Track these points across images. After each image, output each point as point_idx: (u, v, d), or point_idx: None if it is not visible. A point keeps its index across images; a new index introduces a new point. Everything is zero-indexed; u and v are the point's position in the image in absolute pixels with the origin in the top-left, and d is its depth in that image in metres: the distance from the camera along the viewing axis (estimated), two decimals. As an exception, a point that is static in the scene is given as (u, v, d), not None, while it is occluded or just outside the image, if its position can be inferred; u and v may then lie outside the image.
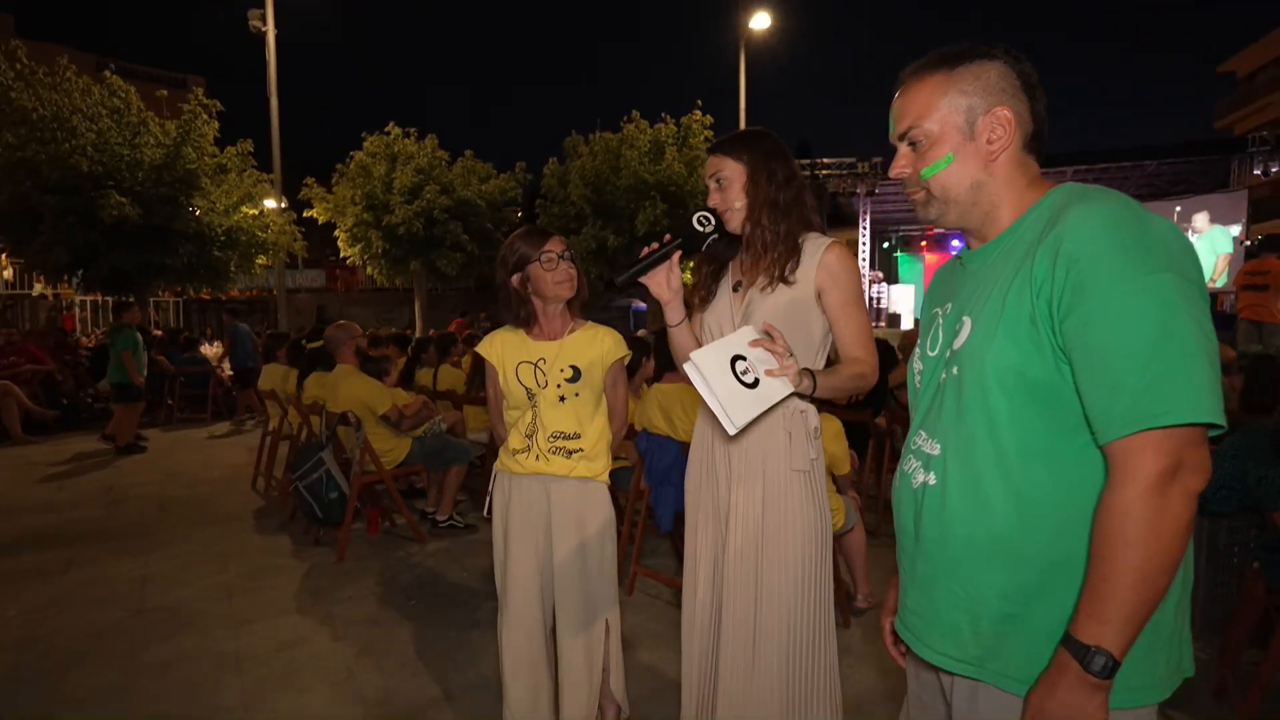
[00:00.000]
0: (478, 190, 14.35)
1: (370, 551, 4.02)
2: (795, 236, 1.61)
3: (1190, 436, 0.84)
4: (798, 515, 1.61)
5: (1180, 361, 0.83)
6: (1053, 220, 0.94)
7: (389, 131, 14.38)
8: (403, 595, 3.40)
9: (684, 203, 13.52)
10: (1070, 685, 0.87)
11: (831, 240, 1.61)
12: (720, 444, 1.67)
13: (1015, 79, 1.05)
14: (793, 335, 1.53)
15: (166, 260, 10.46)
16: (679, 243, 1.55)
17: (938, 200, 1.09)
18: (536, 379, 1.94)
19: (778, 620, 1.58)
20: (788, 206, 1.60)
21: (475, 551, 4.01)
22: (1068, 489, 0.94)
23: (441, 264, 14.24)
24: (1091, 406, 0.89)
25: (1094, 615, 0.86)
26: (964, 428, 1.01)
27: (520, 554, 1.95)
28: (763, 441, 1.62)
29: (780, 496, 1.61)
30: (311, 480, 3.89)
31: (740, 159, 1.62)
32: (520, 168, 15.16)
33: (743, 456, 1.63)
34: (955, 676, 1.06)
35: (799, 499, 1.61)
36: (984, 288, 1.03)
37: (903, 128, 1.10)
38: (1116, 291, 0.85)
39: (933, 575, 1.06)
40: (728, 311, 1.68)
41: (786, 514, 1.60)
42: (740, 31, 14.52)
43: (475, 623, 3.08)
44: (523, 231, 1.97)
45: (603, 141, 14.05)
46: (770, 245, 1.61)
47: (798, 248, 1.60)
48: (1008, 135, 1.04)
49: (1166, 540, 0.84)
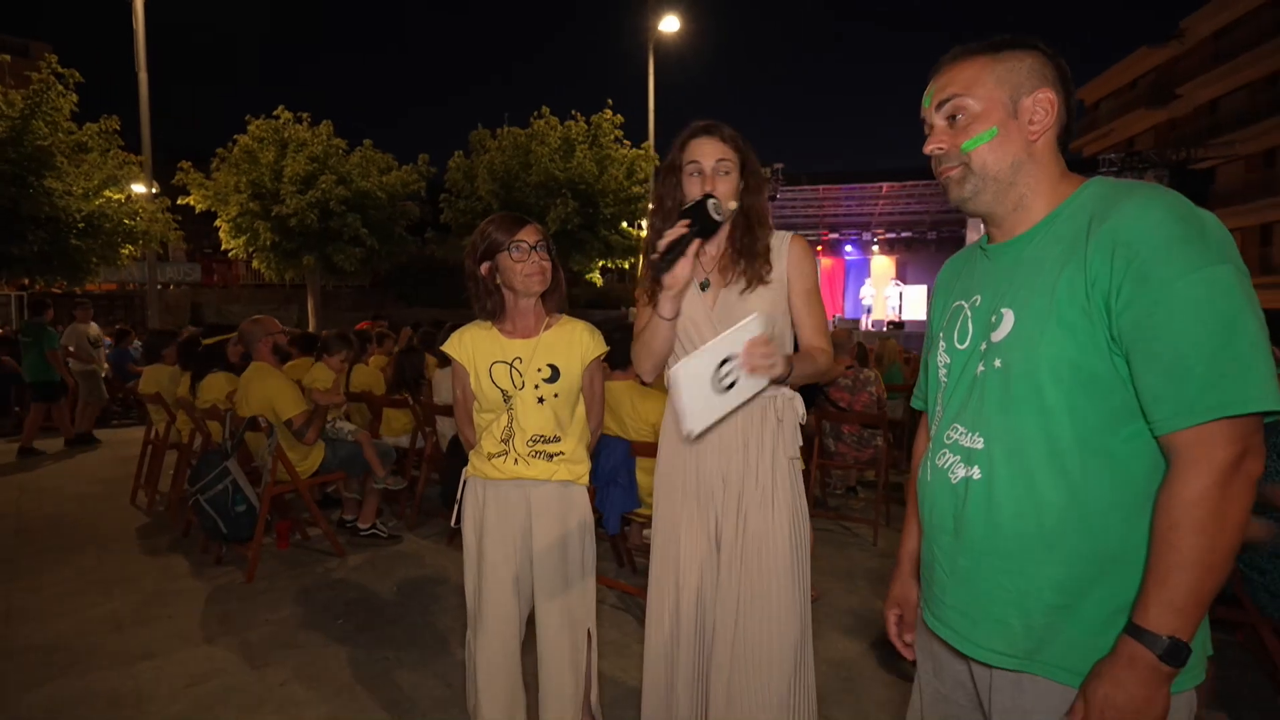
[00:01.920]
0: (378, 182, 13.62)
1: (283, 568, 3.68)
2: (767, 240, 1.64)
3: (1256, 424, 0.86)
4: (787, 504, 1.61)
5: (1248, 351, 0.85)
6: (1101, 213, 0.95)
7: (278, 115, 13.38)
8: (328, 615, 3.12)
9: (594, 201, 13.45)
10: (1141, 676, 0.87)
11: (792, 234, 1.66)
12: (709, 439, 1.62)
13: (1053, 70, 1.05)
14: (775, 332, 1.58)
15: (13, 249, 9.21)
16: (699, 230, 1.49)
17: (975, 176, 1.06)
18: (513, 379, 1.82)
19: (782, 612, 1.57)
20: (763, 212, 1.64)
21: (402, 564, 3.77)
22: (1118, 479, 0.95)
23: (338, 259, 13.42)
24: (1156, 397, 0.89)
25: (1166, 604, 0.86)
26: (1012, 420, 1.00)
27: (497, 564, 1.81)
28: (755, 429, 1.61)
29: (772, 485, 1.60)
30: (215, 493, 3.51)
31: (738, 151, 1.60)
32: (423, 160, 14.54)
33: (735, 447, 1.61)
34: (995, 670, 1.05)
35: (788, 487, 1.62)
36: (1025, 279, 1.02)
37: (944, 96, 1.07)
38: (1182, 283, 0.86)
39: (978, 570, 1.05)
40: (703, 310, 1.64)
41: (778, 503, 1.60)
42: (649, 34, 14.61)
43: (413, 640, 2.88)
44: (496, 217, 1.84)
45: (511, 137, 13.73)
46: (753, 253, 1.62)
47: (769, 249, 1.63)
48: (1049, 117, 1.04)
49: (1235, 525, 0.86)
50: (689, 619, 1.66)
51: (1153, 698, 0.88)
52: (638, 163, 13.93)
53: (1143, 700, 0.88)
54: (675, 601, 1.67)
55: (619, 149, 13.91)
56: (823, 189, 19.33)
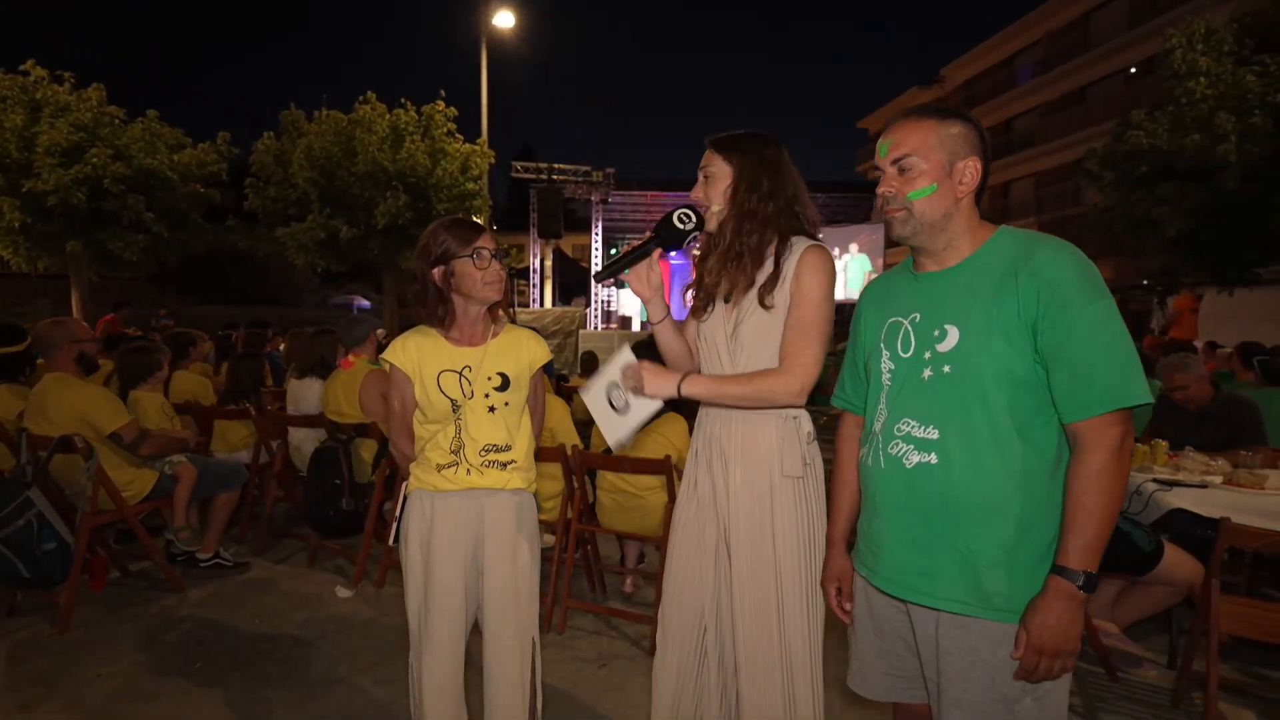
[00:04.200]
0: (167, 160, 11.85)
1: (105, 613, 3.14)
2: (765, 249, 1.58)
3: (1132, 412, 1.18)
4: (790, 522, 1.59)
5: (1129, 360, 1.17)
6: (1024, 254, 1.24)
7: (27, 71, 11.14)
8: (182, 658, 2.74)
9: (428, 196, 12.82)
10: (1064, 604, 1.16)
11: (808, 246, 1.57)
12: (715, 458, 1.65)
13: (978, 139, 1.31)
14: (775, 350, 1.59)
15: None
16: (659, 239, 1.54)
17: (915, 219, 1.31)
18: (462, 389, 1.75)
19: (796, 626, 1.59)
20: (766, 219, 1.58)
21: (258, 593, 3.39)
22: (1039, 457, 1.23)
23: (115, 246, 11.46)
24: (1068, 393, 1.18)
25: (1081, 547, 1.16)
26: (963, 414, 1.25)
27: (446, 579, 1.74)
28: (755, 448, 1.60)
29: (772, 504, 1.59)
30: (13, 530, 2.90)
31: (730, 161, 1.59)
32: (224, 139, 12.88)
33: (737, 465, 1.62)
34: (942, 617, 1.28)
35: (789, 504, 1.59)
36: (962, 302, 1.28)
37: (898, 154, 1.31)
38: (1089, 310, 1.17)
39: (934, 538, 1.28)
40: (720, 323, 1.65)
41: (778, 522, 1.59)
42: (483, 27, 14.23)
43: (293, 675, 2.62)
44: (450, 221, 1.77)
45: (332, 121, 12.63)
46: (737, 256, 1.60)
47: (766, 259, 1.59)
48: (974, 180, 1.31)
49: (1122, 486, 1.18)
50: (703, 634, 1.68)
51: (1076, 618, 1.17)
52: (473, 158, 13.50)
53: (1069, 621, 1.17)
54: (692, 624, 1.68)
55: (453, 143, 13.37)
56: (650, 195, 20.12)
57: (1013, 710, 1.22)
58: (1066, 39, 22.58)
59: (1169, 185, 9.83)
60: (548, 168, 16.61)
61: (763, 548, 1.59)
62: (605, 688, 2.60)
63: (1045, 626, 1.16)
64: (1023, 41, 24.74)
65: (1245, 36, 9.80)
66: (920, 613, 1.32)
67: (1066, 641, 1.16)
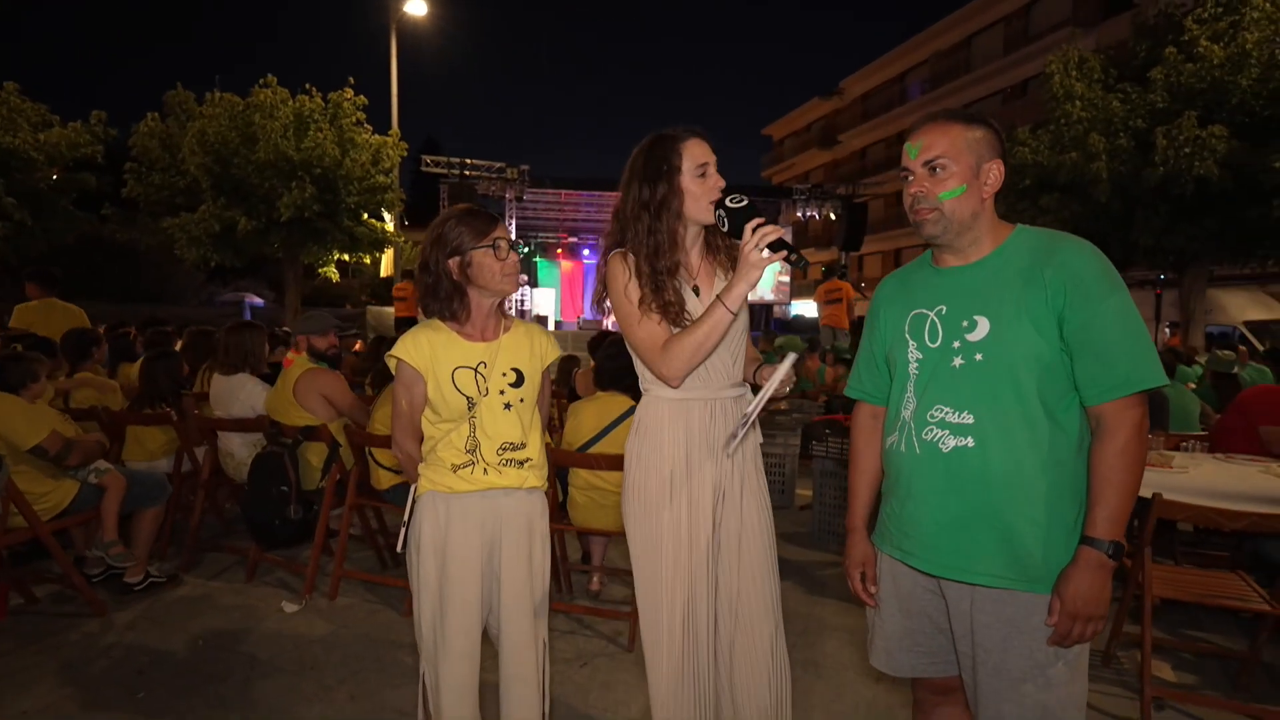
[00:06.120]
0: (30, 139, 10.64)
1: (17, 645, 2.79)
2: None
3: (1148, 394, 1.30)
4: (764, 490, 1.77)
5: (1147, 347, 1.29)
6: (1047, 250, 1.35)
7: None
8: (119, 688, 2.48)
9: (336, 188, 12.16)
10: (1095, 572, 1.28)
11: None
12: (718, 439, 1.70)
13: (999, 145, 1.41)
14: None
15: None
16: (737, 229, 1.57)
17: (946, 219, 1.39)
18: (478, 385, 1.70)
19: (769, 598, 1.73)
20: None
21: (194, 611, 3.12)
22: (1066, 437, 1.34)
23: (-33, 235, 10.20)
24: (1093, 377, 1.29)
25: (1108, 519, 1.28)
26: (996, 399, 1.34)
27: (464, 581, 1.68)
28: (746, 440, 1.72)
29: (755, 471, 1.75)
30: (-97, 555, 2.55)
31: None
32: (99, 118, 11.67)
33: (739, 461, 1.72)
34: (977, 591, 1.37)
35: (761, 474, 1.77)
36: (991, 294, 1.37)
37: (929, 156, 1.39)
38: (1110, 301, 1.29)
39: (973, 517, 1.36)
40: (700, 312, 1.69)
41: (761, 488, 1.76)
42: (393, 14, 13.68)
43: (252, 697, 2.44)
44: (462, 210, 1.71)
45: (227, 105, 11.74)
46: (720, 249, 1.75)
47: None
48: (997, 182, 1.41)
49: (1142, 462, 1.30)
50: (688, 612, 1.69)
51: (1106, 584, 1.29)
52: (384, 150, 12.93)
53: (1100, 587, 1.28)
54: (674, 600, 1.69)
55: (363, 133, 12.75)
56: (564, 194, 19.94)
57: (1046, 674, 1.32)
58: (951, 60, 24.35)
59: (1050, 197, 10.84)
60: (460, 162, 16.14)
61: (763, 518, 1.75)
62: (590, 686, 2.59)
63: (1078, 593, 1.27)
64: (913, 59, 26.42)
65: (1110, 66, 10.95)
66: (955, 589, 1.40)
67: (1098, 606, 1.27)
